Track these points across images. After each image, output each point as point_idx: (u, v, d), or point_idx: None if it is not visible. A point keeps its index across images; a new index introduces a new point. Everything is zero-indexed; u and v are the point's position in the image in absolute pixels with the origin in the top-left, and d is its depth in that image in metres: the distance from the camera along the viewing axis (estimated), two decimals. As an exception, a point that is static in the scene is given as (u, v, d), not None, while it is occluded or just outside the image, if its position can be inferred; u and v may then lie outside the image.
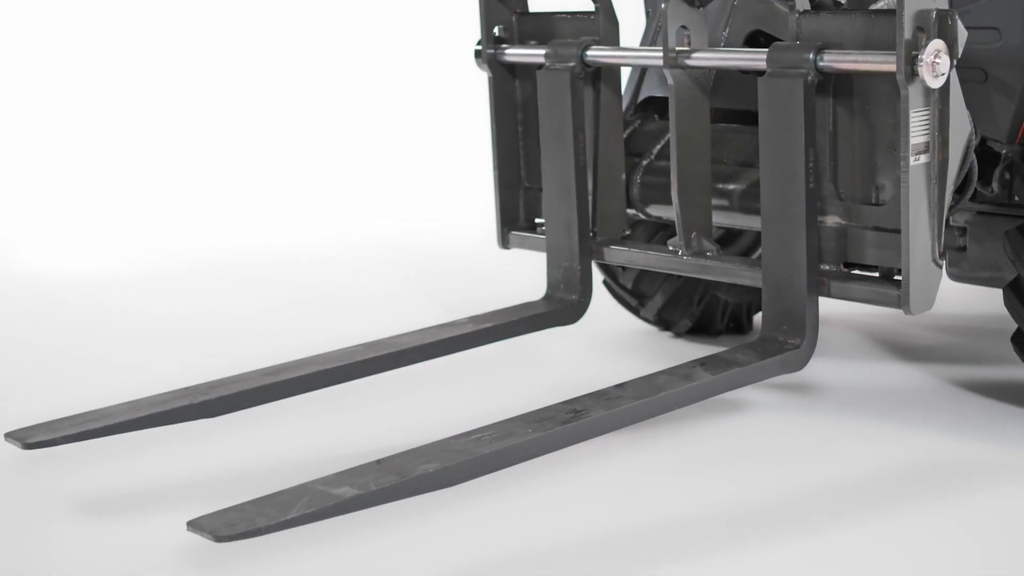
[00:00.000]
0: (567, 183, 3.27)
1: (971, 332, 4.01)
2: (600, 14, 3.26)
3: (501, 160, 3.46)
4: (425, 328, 3.17)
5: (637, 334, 4.02)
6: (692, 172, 3.12)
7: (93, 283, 4.96)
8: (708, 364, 2.82)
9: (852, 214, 2.90)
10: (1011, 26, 3.19)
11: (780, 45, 2.88)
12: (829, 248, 2.93)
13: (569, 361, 3.74)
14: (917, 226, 2.72)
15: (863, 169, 2.88)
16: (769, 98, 2.85)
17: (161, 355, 4.02)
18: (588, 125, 3.30)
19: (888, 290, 2.81)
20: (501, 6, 3.40)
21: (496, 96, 3.43)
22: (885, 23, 2.74)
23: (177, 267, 5.15)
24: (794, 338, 2.89)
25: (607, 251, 3.32)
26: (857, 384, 3.52)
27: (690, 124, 3.11)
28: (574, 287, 3.30)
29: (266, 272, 5.09)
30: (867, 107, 2.85)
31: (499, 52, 3.39)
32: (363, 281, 4.95)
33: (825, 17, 2.86)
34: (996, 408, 3.29)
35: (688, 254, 3.14)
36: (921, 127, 2.69)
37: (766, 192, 2.89)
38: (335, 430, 3.16)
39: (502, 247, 3.51)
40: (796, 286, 2.88)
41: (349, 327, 4.25)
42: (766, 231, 2.91)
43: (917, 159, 2.70)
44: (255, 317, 4.45)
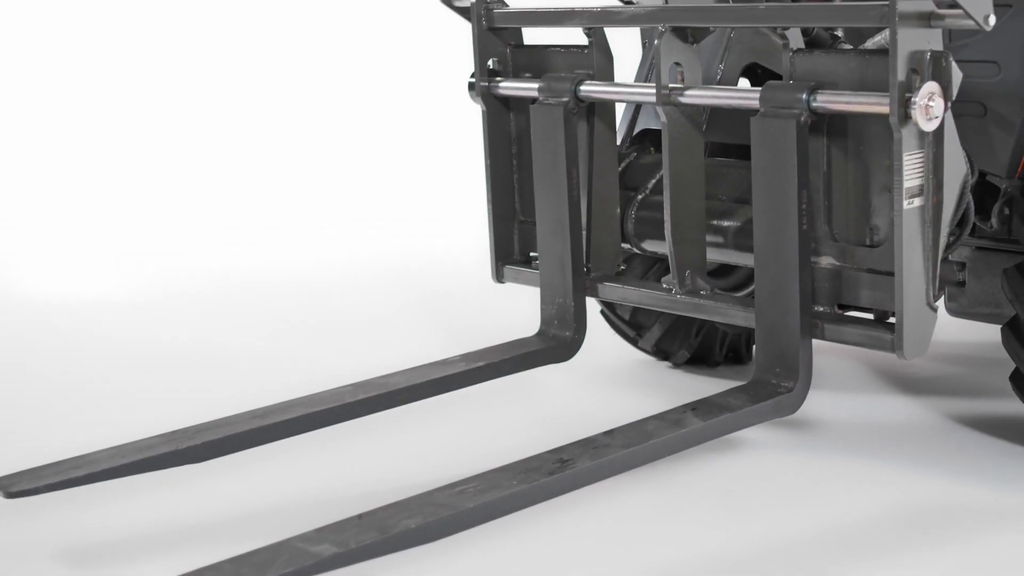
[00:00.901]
0: (560, 219, 3.23)
1: (971, 362, 3.97)
2: (594, 48, 3.22)
3: (495, 193, 3.43)
4: (416, 367, 3.13)
5: (635, 364, 3.98)
6: (686, 209, 3.08)
7: (76, 307, 4.93)
8: (699, 409, 2.78)
9: (846, 255, 2.86)
10: (1010, 60, 3.15)
11: (773, 84, 2.84)
12: (823, 289, 2.90)
13: (565, 394, 3.71)
14: (911, 270, 2.68)
15: (857, 210, 2.84)
16: (762, 138, 2.81)
17: (149, 387, 3.97)
18: (582, 159, 3.27)
19: (882, 334, 2.77)
20: (495, 38, 3.37)
21: (490, 129, 3.40)
22: (879, 63, 2.70)
23: (167, 290, 5.14)
24: (787, 381, 2.86)
25: (601, 288, 3.28)
26: (854, 419, 3.48)
27: (683, 161, 3.07)
28: (568, 324, 3.27)
29: (262, 295, 5.07)
30: (861, 147, 2.81)
31: (493, 85, 3.36)
32: (362, 304, 4.93)
33: (819, 56, 2.82)
34: (996, 447, 3.25)
35: (682, 293, 3.11)
36: (915, 170, 2.65)
37: (759, 233, 2.85)
38: (323, 474, 3.12)
39: (496, 281, 3.48)
40: (789, 328, 2.84)
41: (345, 355, 4.25)
42: (759, 272, 2.87)
43: (911, 202, 2.66)
44: (248, 345, 4.42)
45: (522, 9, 3.30)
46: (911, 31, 2.58)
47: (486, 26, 3.34)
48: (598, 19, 3.15)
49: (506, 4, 3.35)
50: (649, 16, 3.08)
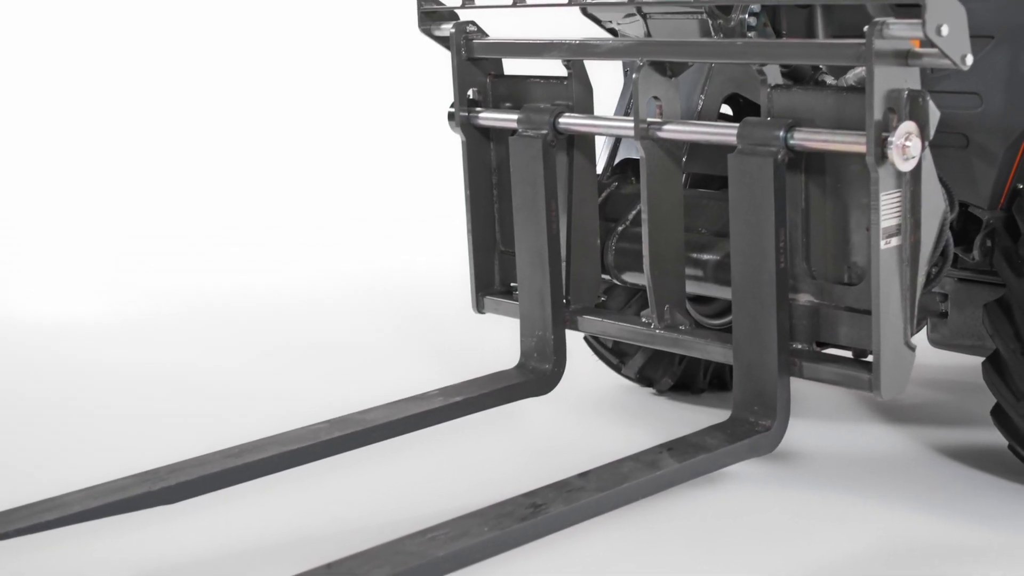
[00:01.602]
0: (539, 251, 3.22)
1: (955, 388, 3.95)
2: (573, 80, 3.21)
3: (475, 223, 3.41)
4: (393, 402, 3.11)
5: (619, 391, 3.97)
6: (664, 244, 3.07)
7: (51, 329, 4.91)
8: (675, 449, 2.77)
9: (824, 293, 2.84)
10: (992, 92, 3.13)
11: (751, 121, 2.82)
12: (801, 327, 2.88)
13: (548, 424, 3.69)
14: (888, 309, 2.66)
15: (836, 248, 2.82)
16: (739, 175, 2.79)
17: (125, 417, 3.93)
18: (562, 190, 3.25)
19: (859, 373, 2.75)
20: (475, 68, 3.35)
21: (470, 159, 3.38)
22: (856, 101, 2.67)
23: (144, 312, 5.11)
24: (764, 419, 2.84)
25: (581, 320, 3.27)
26: (835, 450, 3.46)
27: (662, 195, 3.05)
28: (547, 357, 3.25)
29: (245, 317, 5.05)
30: (839, 185, 2.79)
31: (473, 115, 3.34)
32: (347, 326, 4.92)
33: (796, 92, 2.80)
34: (979, 480, 3.23)
35: (660, 327, 3.09)
36: (892, 209, 2.63)
37: (736, 270, 2.84)
38: (297, 515, 3.10)
39: (476, 311, 3.46)
40: (767, 366, 2.82)
41: (327, 379, 4.23)
42: (737, 309, 2.85)
43: (888, 242, 2.64)
44: (229, 371, 4.39)
45: (502, 40, 3.28)
46: (888, 69, 2.56)
47: (465, 56, 3.32)
48: (577, 51, 3.13)
49: (486, 34, 3.33)
50: (628, 50, 3.07)
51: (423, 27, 3.38)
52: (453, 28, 3.31)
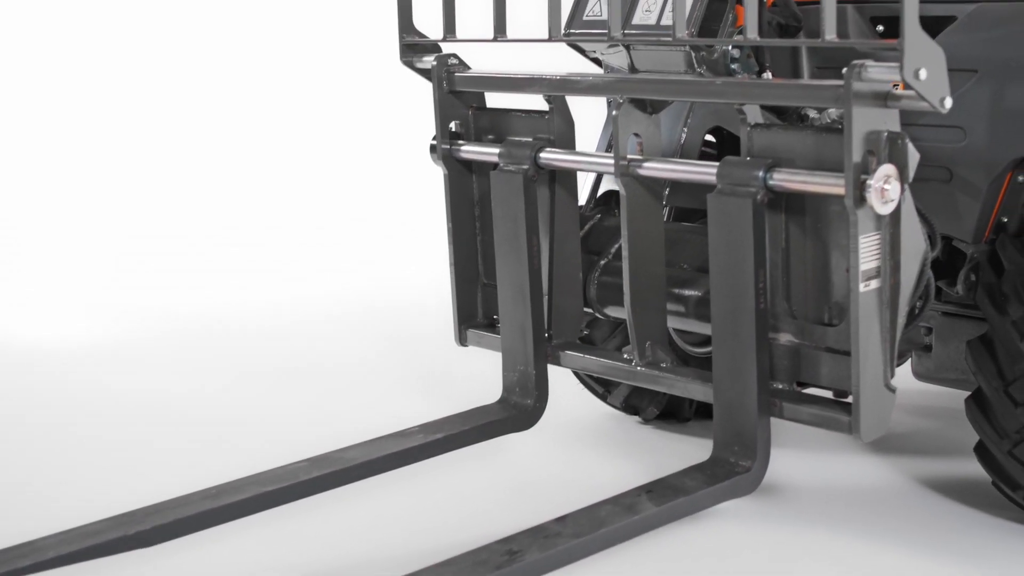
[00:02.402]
0: (521, 286, 3.20)
1: (942, 415, 3.94)
2: (555, 114, 3.19)
3: (458, 256, 3.39)
4: (372, 440, 3.09)
5: (604, 419, 3.95)
6: (645, 281, 3.05)
7: (20, 354, 4.87)
8: (654, 491, 2.75)
9: (805, 333, 2.83)
10: (975, 126, 3.12)
11: (731, 160, 2.80)
12: (782, 366, 2.86)
13: (532, 455, 3.65)
14: (868, 352, 2.64)
15: (816, 288, 2.81)
16: (718, 216, 2.78)
17: (99, 450, 3.86)
18: (544, 223, 3.23)
19: (839, 415, 2.74)
20: (457, 101, 3.34)
21: (452, 192, 3.36)
22: (836, 142, 2.65)
23: (120, 336, 5.08)
24: (745, 460, 2.83)
25: (562, 356, 3.25)
26: (820, 483, 3.44)
27: (643, 232, 3.04)
28: (529, 392, 3.24)
29: (226, 339, 5.03)
30: (819, 225, 2.78)
31: (455, 148, 3.32)
32: (329, 348, 4.90)
33: (776, 132, 2.78)
34: (966, 516, 3.21)
35: (642, 364, 3.08)
36: (871, 252, 2.62)
37: (716, 310, 2.82)
38: (274, 558, 3.07)
39: (459, 344, 3.45)
40: (747, 407, 2.81)
41: (310, 405, 4.20)
42: (717, 349, 2.84)
43: (867, 285, 2.62)
44: (209, 396, 4.36)
45: (483, 74, 3.26)
46: (867, 111, 2.54)
47: (447, 89, 3.30)
48: (558, 87, 3.11)
49: (468, 67, 3.31)
50: (608, 87, 3.05)
51: (405, 59, 3.36)
52: (435, 61, 3.30)
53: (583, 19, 3.46)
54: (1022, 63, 3.06)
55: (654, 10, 3.32)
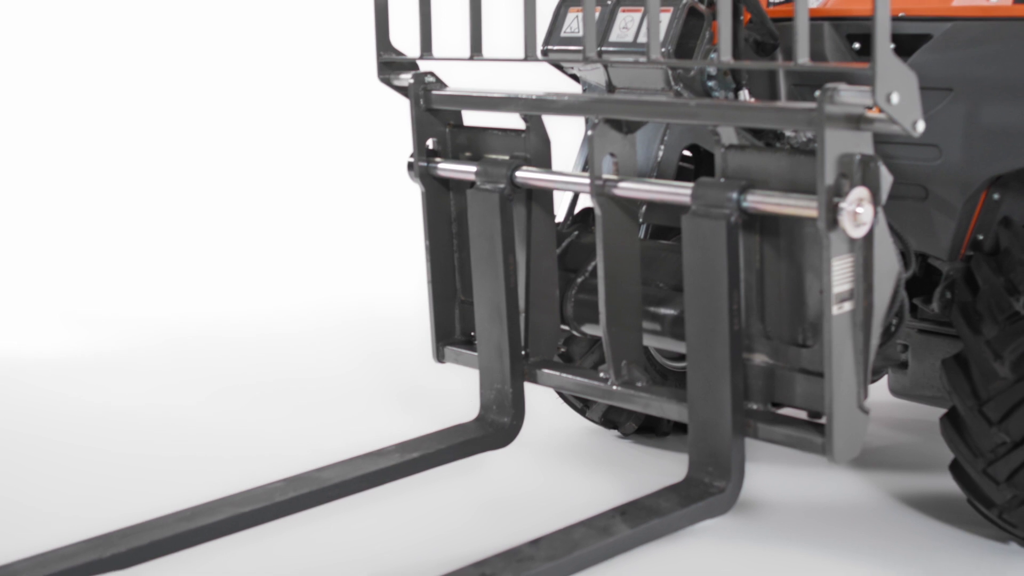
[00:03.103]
0: (497, 305, 3.20)
1: (922, 428, 3.94)
2: (531, 133, 3.19)
3: (435, 273, 3.39)
4: (349, 460, 3.08)
5: (583, 433, 3.96)
6: (621, 300, 3.06)
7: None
8: (628, 513, 2.75)
9: (779, 354, 2.83)
10: (951, 144, 3.13)
11: (705, 181, 2.80)
12: (757, 387, 2.87)
13: (510, 471, 3.66)
14: (841, 374, 2.64)
15: (790, 309, 2.81)
16: (692, 237, 2.78)
17: (76, 468, 3.84)
18: (520, 241, 3.23)
19: (812, 436, 2.74)
20: (434, 119, 3.34)
21: (429, 209, 3.36)
22: (809, 164, 2.66)
23: (101, 347, 5.07)
24: (719, 480, 2.83)
25: (539, 374, 3.25)
26: (797, 499, 3.45)
27: (619, 252, 3.04)
28: (506, 410, 3.24)
29: (206, 351, 5.02)
30: (793, 246, 2.78)
31: (432, 166, 3.32)
32: (309, 360, 4.89)
33: (750, 153, 2.79)
34: (942, 533, 3.23)
35: (617, 383, 3.08)
36: (844, 275, 2.62)
37: (691, 331, 2.82)
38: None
39: (437, 361, 3.45)
40: (721, 427, 2.81)
41: (287, 421, 4.20)
42: (691, 369, 2.84)
43: (840, 307, 2.62)
44: (184, 410, 4.34)
45: (460, 92, 3.26)
46: (840, 133, 2.55)
47: (424, 107, 3.30)
48: (534, 106, 3.11)
49: (445, 85, 3.31)
50: (583, 107, 3.06)
51: (382, 77, 3.37)
52: (412, 79, 3.30)
53: (560, 35, 3.47)
54: (997, 82, 3.07)
55: (631, 27, 3.33)
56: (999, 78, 3.07)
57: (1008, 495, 2.98)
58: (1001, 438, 2.94)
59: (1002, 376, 2.92)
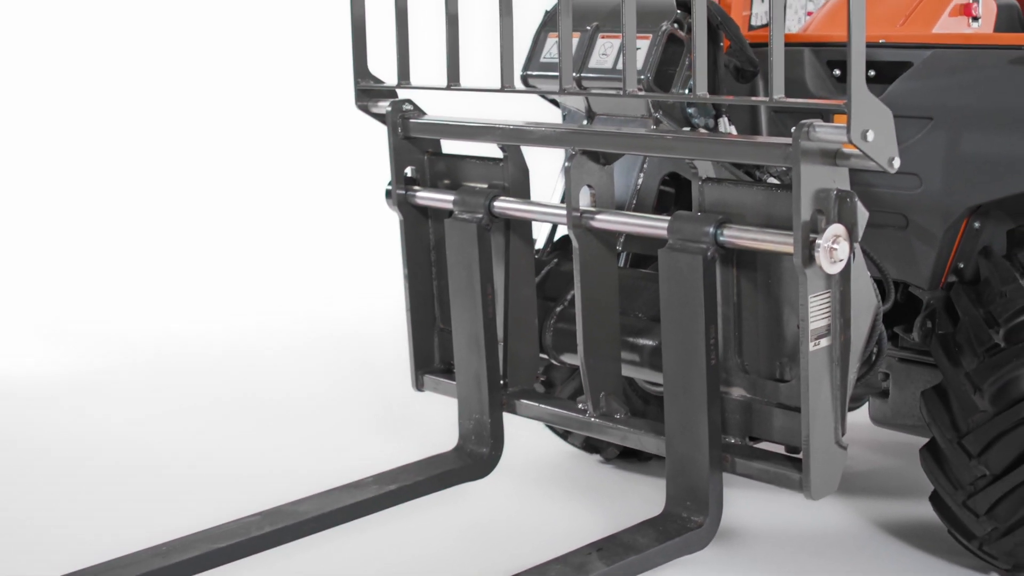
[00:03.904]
0: (476, 335, 3.18)
1: (903, 451, 3.92)
2: (509, 162, 3.17)
3: (414, 301, 3.37)
4: (326, 492, 3.07)
5: (565, 458, 3.94)
6: (599, 332, 3.03)
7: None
8: (605, 549, 2.74)
9: (757, 388, 2.82)
10: (931, 173, 3.11)
11: (682, 215, 2.79)
12: (734, 420, 2.85)
13: (492, 498, 3.64)
14: (818, 410, 2.63)
15: (768, 344, 2.80)
16: (669, 272, 2.77)
17: (44, 499, 3.77)
18: (499, 270, 3.21)
19: (789, 472, 2.72)
20: (412, 147, 3.32)
21: (407, 237, 3.34)
22: (786, 198, 2.64)
23: (75, 364, 5.04)
24: (697, 515, 2.81)
25: (518, 404, 3.23)
26: (778, 528, 3.43)
27: (596, 284, 3.02)
28: (484, 440, 3.22)
29: (184, 366, 4.99)
30: (770, 281, 2.77)
31: (410, 194, 3.30)
32: (288, 377, 4.87)
33: (727, 187, 2.77)
34: (920, 562, 3.23)
35: (596, 415, 3.06)
36: (821, 311, 2.60)
37: (668, 365, 2.81)
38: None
39: (416, 389, 3.43)
40: (699, 462, 2.80)
41: (265, 445, 4.17)
42: (668, 404, 2.83)
43: (817, 343, 2.61)
44: (160, 436, 4.29)
45: (437, 121, 3.24)
46: (816, 169, 2.53)
47: (402, 135, 3.28)
48: (511, 136, 3.10)
49: (423, 113, 3.29)
50: (560, 139, 3.04)
51: (360, 104, 3.35)
52: (389, 106, 3.27)
53: (540, 61, 3.44)
54: (976, 111, 3.06)
55: (610, 54, 3.30)
56: (979, 107, 3.05)
57: (988, 527, 2.97)
58: (981, 471, 2.92)
59: (981, 409, 2.91)
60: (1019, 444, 2.87)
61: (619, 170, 3.36)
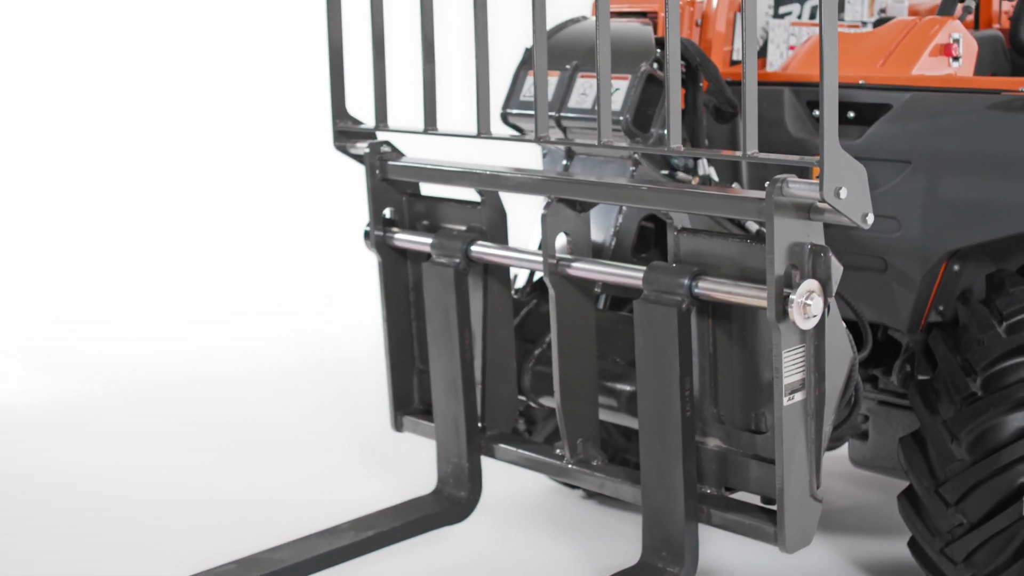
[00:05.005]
0: (453, 379, 3.17)
1: (887, 486, 3.90)
2: (486, 207, 3.16)
3: (393, 342, 3.36)
4: (303, 539, 3.06)
5: (546, 493, 3.93)
6: (576, 378, 3.03)
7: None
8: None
9: (732, 439, 2.81)
10: (910, 217, 3.10)
11: (658, 266, 2.78)
12: (711, 471, 2.85)
13: (469, 537, 3.60)
14: (792, 464, 2.62)
15: (743, 395, 2.79)
16: (644, 323, 2.76)
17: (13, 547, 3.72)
18: (476, 313, 3.20)
19: (764, 525, 2.72)
20: (391, 187, 3.30)
21: (386, 278, 3.33)
22: (760, 252, 2.62)
23: (47, 390, 5.01)
24: (673, 566, 2.81)
25: (496, 449, 3.23)
26: (756, 567, 3.41)
27: (573, 331, 3.01)
28: (463, 484, 3.22)
29: (162, 393, 4.96)
30: (745, 333, 2.76)
31: (388, 235, 3.29)
32: (268, 405, 4.85)
33: (702, 238, 2.76)
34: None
35: (573, 462, 3.06)
36: (795, 365, 2.59)
37: (643, 416, 2.80)
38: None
39: (395, 430, 3.42)
40: (674, 513, 2.79)
41: (240, 475, 4.15)
42: (644, 455, 2.82)
43: (791, 398, 2.60)
44: (134, 470, 4.23)
45: (415, 164, 3.22)
46: (790, 223, 2.52)
47: (380, 177, 3.27)
48: (488, 182, 3.08)
49: (401, 155, 3.28)
50: (537, 186, 3.02)
51: (338, 144, 3.33)
52: (367, 148, 3.26)
53: (520, 99, 3.45)
54: (954, 155, 3.05)
55: (589, 94, 3.30)
56: (957, 151, 3.04)
57: (966, 575, 2.96)
58: (958, 519, 2.91)
59: (959, 458, 2.90)
60: (996, 493, 2.86)
61: (598, 210, 3.34)
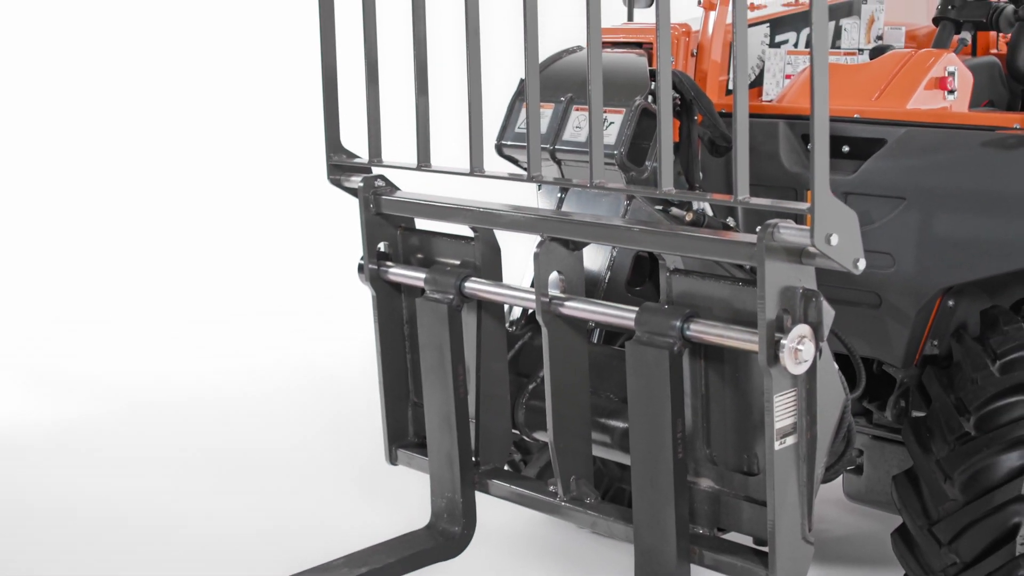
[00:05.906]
0: (447, 414, 3.17)
1: (881, 515, 3.89)
2: (479, 243, 3.16)
3: (387, 375, 3.36)
4: (296, 575, 3.06)
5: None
6: (570, 415, 3.02)
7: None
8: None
9: (725, 480, 2.81)
10: (904, 253, 3.10)
11: (650, 307, 2.77)
12: (703, 511, 2.84)
13: (465, 569, 3.60)
14: (784, 508, 2.61)
15: (735, 436, 2.79)
16: (636, 365, 2.75)
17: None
18: (470, 347, 3.20)
19: (756, 567, 2.72)
20: (385, 221, 3.30)
21: (380, 312, 3.32)
22: (752, 295, 2.62)
23: (45, 416, 4.99)
24: (666, 608, 2.80)
25: (490, 484, 3.22)
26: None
27: (566, 367, 3.00)
28: (456, 519, 3.21)
29: (161, 416, 4.95)
30: (737, 375, 2.76)
31: (383, 269, 3.29)
32: (262, 430, 4.83)
33: (695, 280, 2.76)
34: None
35: (566, 499, 3.05)
36: (787, 409, 2.58)
37: (636, 457, 2.79)
38: None
39: (390, 463, 3.42)
40: (666, 554, 2.79)
41: (235, 505, 4.14)
42: (636, 495, 2.81)
43: (783, 442, 2.59)
44: (133, 492, 4.23)
45: (408, 199, 3.21)
46: (781, 267, 2.51)
47: (374, 211, 3.27)
48: (482, 219, 3.08)
49: (396, 188, 3.27)
50: (529, 224, 3.02)
51: (332, 178, 3.33)
52: (361, 182, 3.26)
53: (515, 131, 3.44)
54: (949, 192, 3.05)
55: (583, 127, 3.30)
56: (951, 188, 3.04)
57: (959, 613, 2.96)
58: (951, 559, 2.91)
59: (952, 497, 2.90)
60: (990, 533, 2.86)
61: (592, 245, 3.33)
